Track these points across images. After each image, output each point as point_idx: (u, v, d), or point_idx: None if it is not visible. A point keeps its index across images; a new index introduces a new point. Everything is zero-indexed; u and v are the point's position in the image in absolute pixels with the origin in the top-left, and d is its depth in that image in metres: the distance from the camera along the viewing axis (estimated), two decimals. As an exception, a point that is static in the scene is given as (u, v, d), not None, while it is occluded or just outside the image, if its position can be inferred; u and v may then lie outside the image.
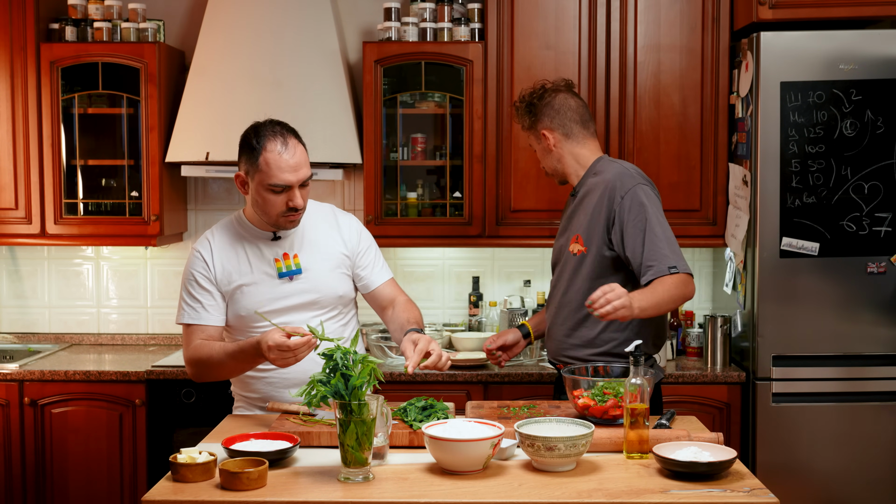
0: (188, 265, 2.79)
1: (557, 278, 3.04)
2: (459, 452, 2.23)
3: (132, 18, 4.09)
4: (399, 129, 4.06)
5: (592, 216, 2.91)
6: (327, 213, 2.91)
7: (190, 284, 2.77)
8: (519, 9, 3.93)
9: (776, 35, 3.58)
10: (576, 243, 2.95)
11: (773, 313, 3.62)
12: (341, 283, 2.84)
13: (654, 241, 2.79)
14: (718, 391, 3.75)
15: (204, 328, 2.75)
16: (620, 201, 2.84)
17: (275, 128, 2.70)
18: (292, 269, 2.77)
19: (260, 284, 2.75)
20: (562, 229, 3.09)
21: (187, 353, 2.75)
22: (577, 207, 3.00)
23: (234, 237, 2.81)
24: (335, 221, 2.89)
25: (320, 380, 2.25)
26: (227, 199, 4.39)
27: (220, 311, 2.77)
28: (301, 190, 2.68)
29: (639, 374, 2.39)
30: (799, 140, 3.59)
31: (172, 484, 2.20)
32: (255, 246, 2.78)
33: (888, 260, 3.60)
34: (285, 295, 2.76)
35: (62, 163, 4.04)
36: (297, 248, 2.79)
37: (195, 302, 2.76)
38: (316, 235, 2.83)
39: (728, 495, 2.13)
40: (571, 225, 3.01)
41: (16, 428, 3.81)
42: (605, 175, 2.93)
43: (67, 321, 4.43)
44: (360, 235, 2.91)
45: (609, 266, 2.89)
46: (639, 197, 2.84)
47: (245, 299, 2.75)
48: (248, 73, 3.95)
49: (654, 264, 2.77)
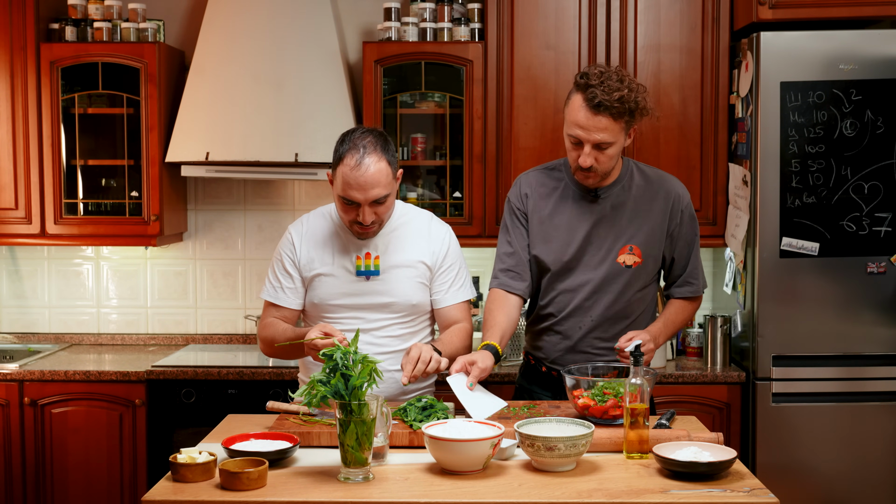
0: (280, 244, 2.87)
1: (595, 289, 2.81)
2: (459, 452, 2.23)
3: (132, 18, 4.09)
4: (399, 129, 4.06)
5: (654, 227, 2.81)
6: (423, 220, 2.89)
7: (276, 263, 2.86)
8: (519, 9, 3.93)
9: (776, 35, 3.58)
10: (630, 254, 2.80)
11: (773, 313, 3.62)
12: (417, 291, 2.82)
13: (697, 260, 2.92)
14: (718, 391, 3.75)
15: (279, 308, 2.83)
16: (681, 214, 2.84)
17: (363, 139, 2.67)
18: (370, 270, 2.78)
19: (337, 277, 2.78)
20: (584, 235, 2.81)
21: (259, 328, 2.87)
22: (614, 213, 2.80)
23: (327, 226, 2.84)
24: (427, 230, 2.86)
25: (320, 380, 2.25)
26: (227, 198, 4.39)
27: (297, 295, 2.83)
28: (374, 207, 2.67)
29: (639, 374, 2.39)
30: (799, 140, 3.59)
31: (172, 484, 2.20)
32: (342, 239, 2.81)
33: (888, 260, 3.60)
34: (359, 293, 2.78)
35: (62, 163, 4.04)
36: (381, 250, 2.80)
37: (276, 281, 2.84)
38: (403, 241, 2.82)
39: (728, 495, 2.13)
40: (612, 232, 2.80)
41: (16, 428, 3.81)
42: (660, 183, 2.85)
43: (67, 321, 4.43)
44: (449, 250, 2.87)
45: (655, 273, 2.90)
46: (693, 212, 2.90)
47: (320, 288, 2.79)
48: (248, 73, 3.95)
49: (695, 283, 2.91)
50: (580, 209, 2.83)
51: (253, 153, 3.91)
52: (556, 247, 2.83)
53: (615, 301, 2.82)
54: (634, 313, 2.85)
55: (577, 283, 2.82)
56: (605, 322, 2.83)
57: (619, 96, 2.62)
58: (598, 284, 2.81)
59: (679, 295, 2.92)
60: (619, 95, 2.62)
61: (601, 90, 2.62)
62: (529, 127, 3.96)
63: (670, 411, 2.67)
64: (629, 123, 2.69)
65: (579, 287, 2.82)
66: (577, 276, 2.82)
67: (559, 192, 2.86)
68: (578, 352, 2.84)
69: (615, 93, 2.62)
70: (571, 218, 2.83)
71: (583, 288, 2.82)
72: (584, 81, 2.67)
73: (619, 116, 2.64)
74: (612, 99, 2.61)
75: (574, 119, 2.68)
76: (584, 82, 2.67)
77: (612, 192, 2.82)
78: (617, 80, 2.65)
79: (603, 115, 2.63)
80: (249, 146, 3.92)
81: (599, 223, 2.81)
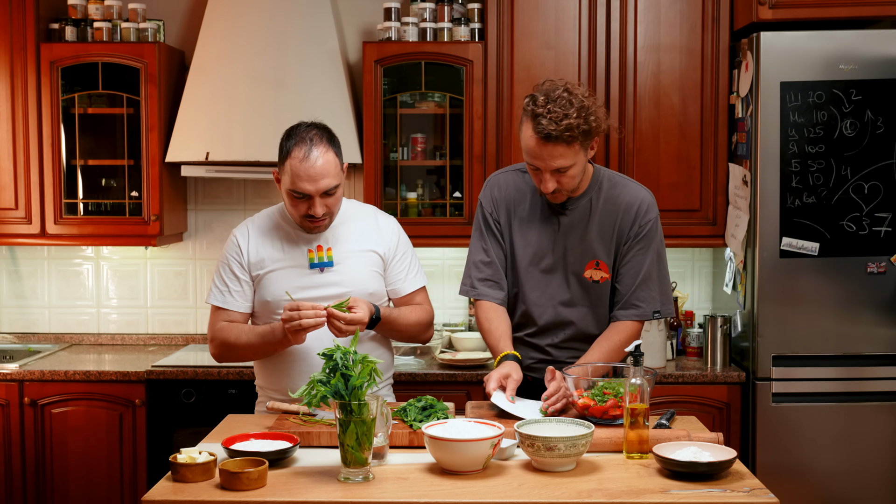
0: (225, 248, 2.88)
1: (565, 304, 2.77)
2: (459, 452, 2.23)
3: (132, 18, 4.09)
4: (399, 129, 4.06)
5: (615, 239, 2.74)
6: (368, 212, 2.93)
7: (222, 268, 2.85)
8: (519, 9, 3.93)
9: (776, 35, 3.58)
10: (596, 269, 2.74)
11: (773, 313, 3.62)
12: (372, 280, 2.84)
13: (650, 280, 2.74)
14: (718, 391, 3.75)
15: (228, 312, 2.83)
16: (639, 227, 2.73)
17: (309, 132, 2.71)
18: (324, 261, 2.80)
19: (290, 272, 2.79)
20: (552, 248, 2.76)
21: (211, 333, 2.84)
22: (581, 226, 2.74)
23: (273, 224, 2.86)
24: (375, 221, 2.90)
25: (320, 380, 2.25)
26: (227, 198, 4.39)
27: (245, 299, 2.83)
28: (324, 199, 2.69)
29: (639, 374, 2.39)
30: (799, 140, 3.58)
31: (172, 484, 2.20)
32: (291, 235, 2.82)
33: (888, 260, 3.60)
34: (314, 285, 2.78)
35: (62, 163, 4.04)
36: (332, 242, 2.82)
37: (223, 286, 2.83)
38: (352, 232, 2.85)
39: (728, 495, 2.13)
40: (580, 246, 2.75)
41: (16, 428, 3.81)
42: (625, 192, 2.75)
43: (67, 321, 4.43)
44: (399, 240, 2.91)
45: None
46: (654, 222, 2.75)
47: (273, 285, 2.79)
48: (248, 73, 3.95)
49: (641, 305, 2.75)
50: (550, 222, 2.77)
51: (253, 153, 3.92)
52: (523, 258, 2.80)
53: (584, 316, 2.78)
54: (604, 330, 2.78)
55: (544, 296, 2.79)
56: (582, 337, 2.79)
57: (567, 124, 2.52)
58: (568, 298, 2.77)
59: (625, 316, 2.75)
60: (567, 123, 2.52)
61: (548, 119, 2.52)
62: (529, 127, 3.95)
63: (670, 411, 2.66)
64: (585, 143, 2.60)
65: (547, 302, 2.79)
66: (546, 290, 2.78)
67: (529, 202, 2.80)
68: (557, 361, 2.79)
69: (563, 121, 2.52)
70: (541, 231, 2.78)
71: (551, 302, 2.78)
72: (531, 109, 2.57)
73: (572, 140, 2.55)
74: (560, 129, 2.52)
75: (528, 149, 2.61)
76: (531, 110, 2.57)
77: (579, 204, 2.75)
78: (566, 104, 2.53)
79: (555, 144, 2.54)
80: (249, 146, 3.92)
81: (567, 236, 2.76)
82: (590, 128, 2.57)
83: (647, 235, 2.74)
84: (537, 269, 2.79)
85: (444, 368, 3.84)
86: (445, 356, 3.91)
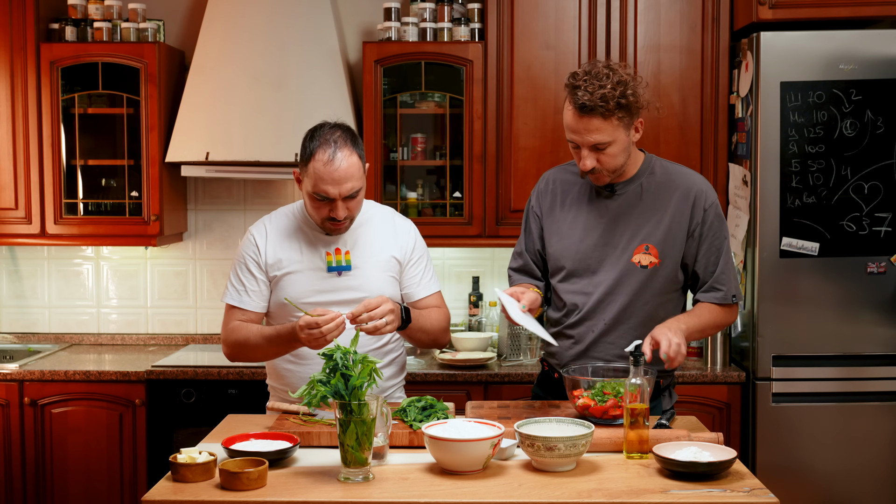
0: (241, 247, 2.85)
1: (608, 291, 2.69)
2: (459, 452, 2.23)
3: (132, 18, 4.09)
4: (399, 129, 4.06)
5: (671, 225, 2.67)
6: (386, 215, 2.90)
7: (238, 266, 2.82)
8: (519, 9, 3.93)
9: (776, 35, 3.58)
10: (646, 254, 2.67)
11: (773, 313, 3.62)
12: (388, 285, 2.82)
13: (728, 264, 2.71)
14: (718, 391, 3.75)
15: (244, 311, 2.80)
16: (704, 213, 2.67)
17: (333, 134, 2.67)
18: (342, 265, 2.78)
19: (307, 274, 2.77)
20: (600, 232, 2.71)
21: (224, 333, 2.82)
22: (631, 210, 2.69)
23: (292, 225, 2.83)
24: (392, 224, 2.88)
25: (320, 380, 2.25)
26: (227, 198, 4.39)
27: (261, 298, 2.81)
28: (346, 202, 2.67)
29: (639, 374, 2.39)
30: (799, 140, 3.59)
31: (172, 484, 2.20)
32: (309, 237, 2.80)
33: (888, 260, 3.60)
34: (331, 289, 2.77)
35: (62, 163, 4.04)
36: (351, 246, 2.80)
37: (240, 284, 2.81)
38: (371, 235, 2.82)
39: (728, 495, 2.13)
40: (628, 230, 2.69)
41: (16, 428, 3.82)
42: (681, 179, 2.71)
43: (67, 321, 4.43)
44: (416, 244, 2.88)
45: (676, 278, 2.72)
46: (720, 212, 2.72)
47: (290, 287, 2.77)
48: (248, 73, 3.96)
49: (723, 289, 2.70)
50: (597, 207, 2.72)
51: (253, 153, 3.92)
52: (570, 244, 2.74)
53: (629, 304, 2.68)
54: (652, 321, 2.64)
55: (589, 284, 2.71)
56: (619, 327, 2.69)
57: (602, 94, 2.50)
58: (610, 285, 2.69)
59: (706, 300, 2.72)
60: (602, 94, 2.50)
61: (583, 90, 2.53)
62: (529, 127, 3.96)
63: (670, 411, 2.66)
64: (624, 119, 2.56)
65: (592, 288, 2.71)
66: (591, 277, 2.71)
67: (577, 189, 2.77)
68: (590, 357, 2.72)
69: (598, 91, 2.51)
70: (588, 216, 2.73)
71: (596, 289, 2.70)
72: (571, 82, 2.58)
73: (610, 114, 2.53)
74: (594, 98, 2.51)
75: (567, 124, 2.61)
76: (571, 83, 2.58)
77: (628, 189, 2.70)
78: (604, 77, 2.53)
79: (591, 117, 2.53)
80: (249, 146, 3.92)
81: (616, 221, 2.70)
82: (628, 102, 2.55)
83: (716, 221, 2.70)
84: (579, 255, 2.73)
85: (444, 368, 3.84)
86: (445, 356, 3.91)
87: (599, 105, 2.52)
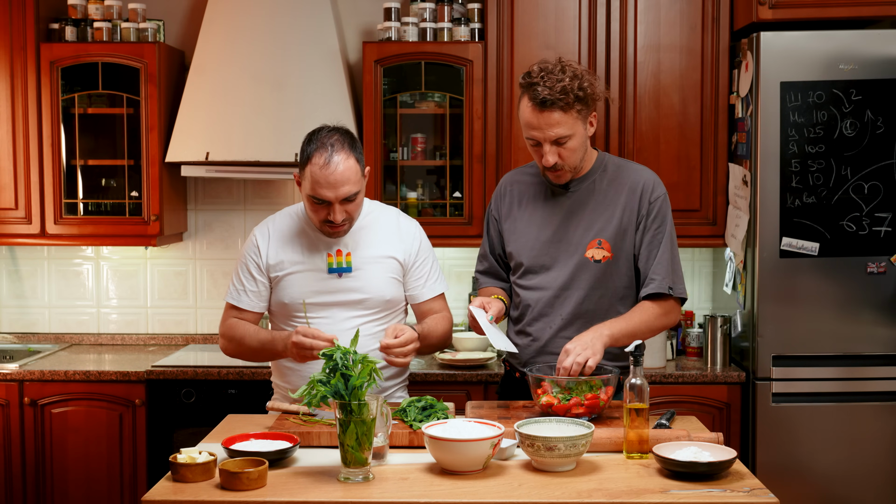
0: (244, 248, 2.88)
1: (563, 286, 2.75)
2: (459, 452, 2.23)
3: (132, 18, 4.09)
4: (399, 129, 4.06)
5: (622, 219, 2.73)
6: (390, 216, 2.91)
7: (240, 267, 2.85)
8: (519, 9, 3.93)
9: (776, 35, 3.58)
10: (599, 248, 2.72)
11: (773, 313, 3.62)
12: (390, 287, 2.82)
13: (669, 258, 2.73)
14: (718, 391, 3.75)
15: (240, 310, 2.84)
16: (649, 205, 2.73)
17: (330, 138, 2.68)
18: (342, 266, 2.79)
19: (308, 275, 2.78)
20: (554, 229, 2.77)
21: (222, 328, 2.87)
22: (585, 206, 2.75)
23: (295, 226, 2.84)
24: (396, 226, 2.88)
25: (320, 380, 2.25)
26: (227, 198, 4.39)
27: (259, 298, 2.83)
28: (344, 205, 2.68)
29: (638, 374, 2.39)
30: (799, 140, 3.59)
31: (172, 484, 2.20)
32: (311, 238, 2.81)
33: (888, 260, 3.60)
34: (331, 290, 2.77)
35: (62, 163, 4.04)
36: (352, 247, 2.80)
37: (240, 284, 2.84)
38: (373, 237, 2.83)
39: (728, 495, 2.13)
40: (581, 226, 2.75)
41: (16, 428, 3.82)
42: (631, 174, 2.77)
43: (67, 321, 4.43)
44: (421, 245, 2.89)
45: (631, 273, 2.76)
46: (666, 207, 2.77)
47: (291, 288, 2.79)
48: (248, 73, 3.96)
49: (657, 278, 2.72)
50: (552, 205, 2.80)
51: (253, 153, 3.92)
52: (526, 241, 2.80)
53: (585, 299, 2.74)
54: (610, 317, 2.70)
55: (545, 280, 2.77)
56: (577, 322, 2.73)
57: (562, 87, 2.58)
58: (565, 280, 2.74)
59: (643, 295, 2.73)
60: (562, 86, 2.58)
61: (542, 86, 2.59)
62: (529, 127, 3.95)
63: (670, 411, 2.66)
64: (582, 112, 2.64)
65: (548, 283, 2.77)
66: (546, 274, 2.77)
67: (534, 189, 2.84)
68: (549, 353, 2.74)
69: (557, 84, 2.58)
70: (543, 213, 2.80)
71: (551, 284, 2.76)
72: (527, 81, 2.65)
73: (569, 107, 2.60)
74: (554, 92, 2.58)
75: (526, 121, 2.66)
76: (527, 82, 2.65)
77: (582, 186, 2.77)
78: (559, 71, 2.61)
79: (552, 111, 2.60)
80: (249, 146, 3.92)
81: (569, 217, 2.77)
82: (585, 94, 2.62)
83: (659, 214, 2.74)
84: (534, 252, 2.79)
85: (444, 368, 3.84)
86: (445, 356, 3.91)
87: (559, 98, 2.59)
